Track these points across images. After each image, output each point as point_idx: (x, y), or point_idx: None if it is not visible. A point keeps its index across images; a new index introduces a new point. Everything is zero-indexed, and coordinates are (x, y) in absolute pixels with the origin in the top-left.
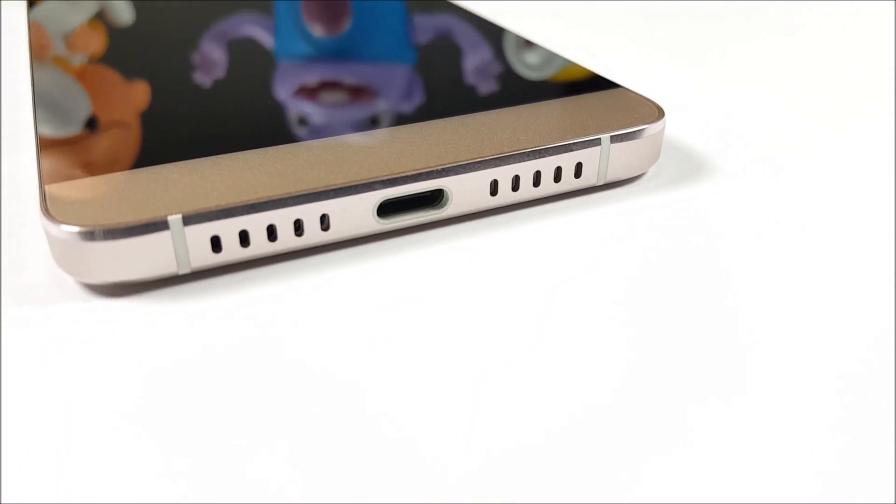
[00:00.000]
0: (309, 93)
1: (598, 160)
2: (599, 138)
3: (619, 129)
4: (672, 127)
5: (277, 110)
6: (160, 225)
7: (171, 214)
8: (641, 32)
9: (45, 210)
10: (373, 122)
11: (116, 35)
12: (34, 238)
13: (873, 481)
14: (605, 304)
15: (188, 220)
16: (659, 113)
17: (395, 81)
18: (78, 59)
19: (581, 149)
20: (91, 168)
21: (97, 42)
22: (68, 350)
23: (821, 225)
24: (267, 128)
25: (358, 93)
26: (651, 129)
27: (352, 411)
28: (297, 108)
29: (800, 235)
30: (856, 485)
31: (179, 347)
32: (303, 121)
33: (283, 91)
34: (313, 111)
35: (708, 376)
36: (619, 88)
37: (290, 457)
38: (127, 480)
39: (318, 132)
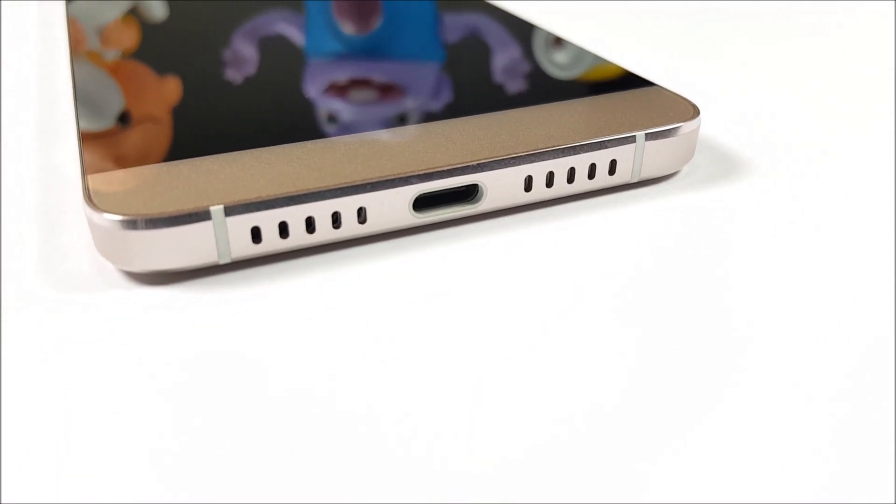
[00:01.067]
0: (346, 89)
1: (632, 158)
2: (634, 136)
3: (654, 126)
4: (707, 126)
5: (315, 106)
6: (202, 215)
7: (213, 205)
8: (676, 31)
9: (88, 199)
10: (408, 118)
11: (154, 31)
12: (76, 227)
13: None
14: (637, 302)
15: (230, 210)
16: (694, 111)
17: (430, 78)
18: (117, 55)
19: (616, 146)
20: (133, 159)
21: (135, 38)
22: (110, 336)
23: (858, 229)
24: (305, 123)
25: (394, 89)
26: (686, 127)
27: (385, 403)
28: (335, 103)
29: (835, 238)
30: (856, 485)
31: (219, 336)
32: (340, 116)
33: (321, 87)
34: (350, 107)
35: (738, 374)
36: (654, 86)
37: (316, 448)
38: (176, 466)
39: (355, 127)
